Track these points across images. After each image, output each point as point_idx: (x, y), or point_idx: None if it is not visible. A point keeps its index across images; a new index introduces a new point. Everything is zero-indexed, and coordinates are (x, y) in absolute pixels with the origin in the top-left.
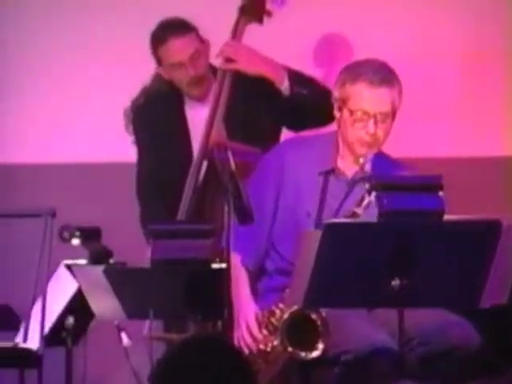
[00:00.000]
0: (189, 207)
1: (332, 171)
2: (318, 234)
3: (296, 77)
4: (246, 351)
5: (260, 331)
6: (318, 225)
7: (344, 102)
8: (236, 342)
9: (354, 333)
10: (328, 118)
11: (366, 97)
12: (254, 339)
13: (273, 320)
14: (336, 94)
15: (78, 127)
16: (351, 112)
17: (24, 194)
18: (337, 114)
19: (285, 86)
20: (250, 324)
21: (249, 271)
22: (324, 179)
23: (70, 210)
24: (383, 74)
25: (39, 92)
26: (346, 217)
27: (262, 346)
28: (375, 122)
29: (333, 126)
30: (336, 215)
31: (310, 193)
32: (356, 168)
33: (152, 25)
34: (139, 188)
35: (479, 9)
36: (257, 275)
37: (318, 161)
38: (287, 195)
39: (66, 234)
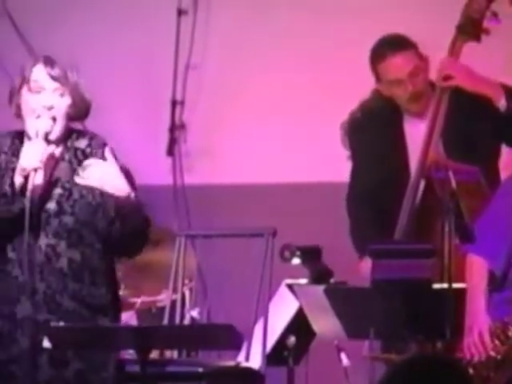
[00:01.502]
0: (406, 226)
1: None
2: None
3: None
4: (476, 358)
5: (492, 340)
6: None
7: None
8: (466, 348)
9: None
10: None
11: None
12: (485, 347)
13: (505, 331)
14: None
15: (299, 147)
16: None
17: (246, 213)
18: None
19: (502, 102)
20: (483, 332)
21: (493, 277)
22: None
23: (290, 230)
24: None
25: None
26: None
27: (492, 353)
28: None
29: None
30: None
31: None
32: None
33: (372, 41)
34: (351, 199)
35: None
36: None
37: None
38: None
39: (286, 254)
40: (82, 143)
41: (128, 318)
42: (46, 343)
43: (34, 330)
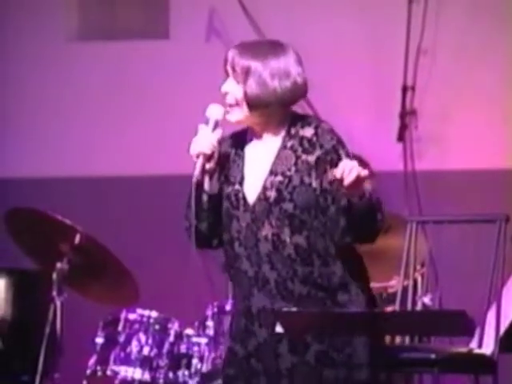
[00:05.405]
0: None
1: None
2: None
3: None
4: None
5: None
6: None
7: None
8: None
9: None
10: None
11: None
12: None
13: None
14: None
15: None
16: None
17: (476, 199)
18: None
19: None
20: None
21: None
22: None
23: None
24: None
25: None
26: None
27: None
28: None
29: None
30: None
31: None
32: None
33: None
34: None
35: None
36: None
37: None
38: None
39: None
40: (307, 132)
41: None
42: (279, 328)
43: (272, 320)
